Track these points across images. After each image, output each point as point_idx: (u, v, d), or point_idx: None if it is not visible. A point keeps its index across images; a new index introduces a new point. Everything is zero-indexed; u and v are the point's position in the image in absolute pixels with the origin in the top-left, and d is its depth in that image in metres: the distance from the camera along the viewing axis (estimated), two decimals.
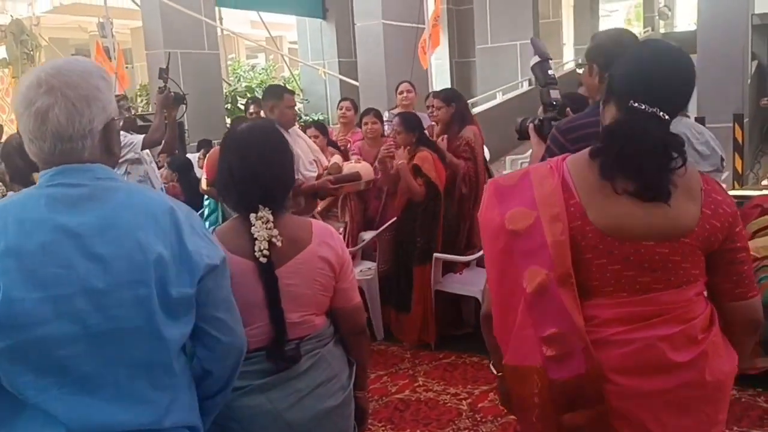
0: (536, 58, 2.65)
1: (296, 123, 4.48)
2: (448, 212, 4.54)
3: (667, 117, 1.49)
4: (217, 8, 10.60)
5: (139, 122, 7.96)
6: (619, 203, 1.47)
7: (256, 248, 1.75)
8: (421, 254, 4.46)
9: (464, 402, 3.72)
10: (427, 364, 4.27)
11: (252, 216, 1.78)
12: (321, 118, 11.36)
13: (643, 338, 1.46)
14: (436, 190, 4.43)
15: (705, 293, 1.57)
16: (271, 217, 1.78)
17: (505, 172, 5.17)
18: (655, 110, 1.48)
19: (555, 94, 2.65)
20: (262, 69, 14.13)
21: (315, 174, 4.21)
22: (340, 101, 6.04)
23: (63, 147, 1.34)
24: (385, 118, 5.46)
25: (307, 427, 1.84)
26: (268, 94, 4.27)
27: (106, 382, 1.32)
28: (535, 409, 1.51)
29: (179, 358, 1.44)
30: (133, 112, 4.85)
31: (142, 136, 4.46)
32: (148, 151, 4.65)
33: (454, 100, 4.81)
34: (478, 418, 3.54)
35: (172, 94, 4.44)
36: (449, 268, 4.62)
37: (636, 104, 1.48)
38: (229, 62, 14.04)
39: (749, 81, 8.42)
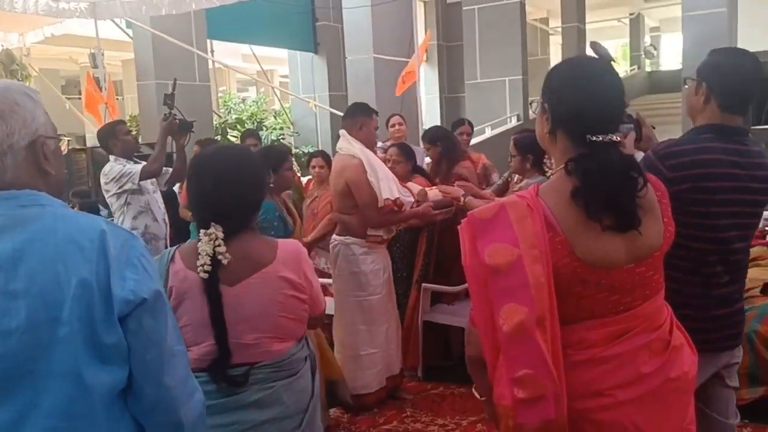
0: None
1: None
2: (442, 242, 4.56)
3: (619, 138, 1.53)
4: (208, 41, 10.69)
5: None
6: (603, 237, 1.50)
7: (198, 263, 1.74)
8: (402, 284, 4.48)
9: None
10: (415, 394, 4.24)
11: (202, 232, 1.79)
12: (311, 150, 11.41)
13: (624, 351, 1.52)
14: None
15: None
16: (220, 235, 1.77)
17: None
18: (611, 137, 1.51)
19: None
20: (253, 101, 14.21)
21: (411, 200, 4.08)
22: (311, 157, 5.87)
23: None
24: (378, 146, 5.49)
25: None
26: (357, 112, 3.99)
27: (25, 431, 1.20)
28: None
29: (111, 408, 1.28)
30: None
31: (141, 165, 4.28)
32: (154, 180, 4.44)
33: (439, 139, 4.88)
34: None
35: (177, 121, 4.29)
36: (440, 298, 4.61)
37: (594, 138, 1.50)
38: (220, 95, 14.12)
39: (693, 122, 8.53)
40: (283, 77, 17.93)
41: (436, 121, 14.79)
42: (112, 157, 4.36)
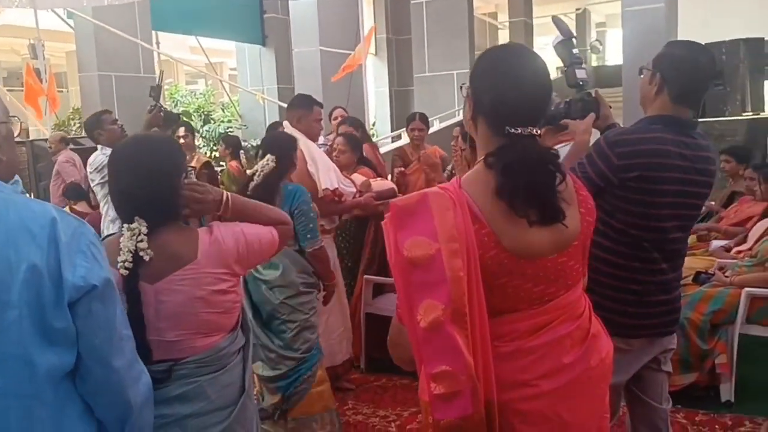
0: (559, 37, 2.51)
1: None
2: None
3: (539, 132, 1.52)
4: (154, 32, 10.50)
5: (72, 146, 7.80)
6: (527, 229, 1.49)
7: (119, 260, 1.69)
8: (348, 275, 4.48)
9: (393, 424, 3.71)
10: (357, 386, 4.24)
11: (125, 227, 1.74)
12: (259, 143, 11.30)
13: (548, 341, 1.53)
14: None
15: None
16: (144, 230, 1.71)
17: None
18: (530, 130, 1.50)
19: (581, 73, 2.47)
20: (201, 94, 14.01)
21: (353, 190, 4.05)
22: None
23: None
24: (320, 142, 5.50)
25: None
26: (297, 104, 3.99)
27: None
28: None
29: (59, 388, 1.32)
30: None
31: None
32: None
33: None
34: None
35: (162, 113, 4.22)
36: (387, 289, 4.63)
37: (513, 130, 1.49)
38: (166, 87, 13.88)
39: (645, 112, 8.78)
40: (233, 70, 17.73)
41: (386, 115, 14.82)
42: (99, 147, 4.31)
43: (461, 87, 1.62)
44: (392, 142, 10.14)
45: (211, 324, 1.80)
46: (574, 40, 2.48)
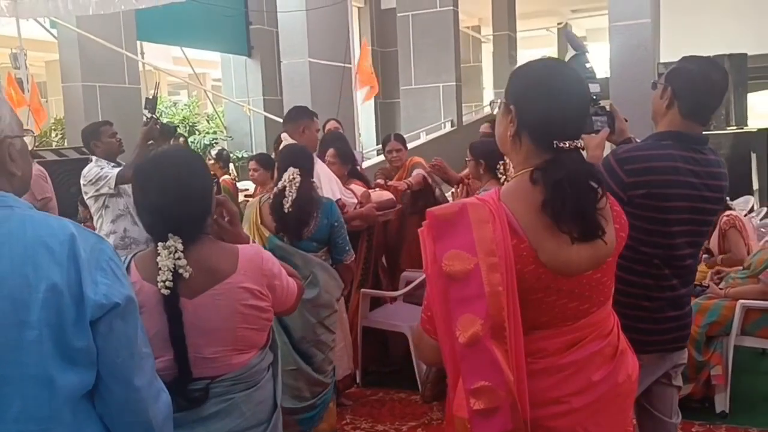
0: (572, 52, 2.49)
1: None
2: (389, 242, 4.59)
3: (582, 145, 1.53)
4: (138, 42, 10.42)
5: (54, 157, 7.70)
6: (568, 246, 1.48)
7: (159, 279, 1.67)
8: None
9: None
10: (354, 400, 4.21)
11: (160, 245, 1.70)
12: (245, 155, 11.25)
13: (580, 359, 1.53)
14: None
15: None
16: (180, 247, 1.69)
17: None
18: (576, 144, 1.51)
19: (594, 88, 2.41)
20: (185, 105, 13.92)
21: (354, 201, 4.03)
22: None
23: None
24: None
25: None
26: (298, 115, 3.96)
27: None
28: None
29: (77, 409, 1.29)
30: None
31: (118, 170, 4.13)
32: None
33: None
34: None
35: (158, 126, 4.14)
36: (378, 302, 4.61)
37: (561, 144, 1.48)
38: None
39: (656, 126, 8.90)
40: (216, 81, 17.65)
41: (372, 127, 14.82)
42: (93, 158, 4.21)
43: (491, 103, 1.62)
44: (377, 155, 10.14)
45: (246, 340, 1.78)
46: (587, 54, 2.46)
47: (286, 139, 3.90)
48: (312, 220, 3.12)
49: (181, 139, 5.62)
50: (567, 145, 1.49)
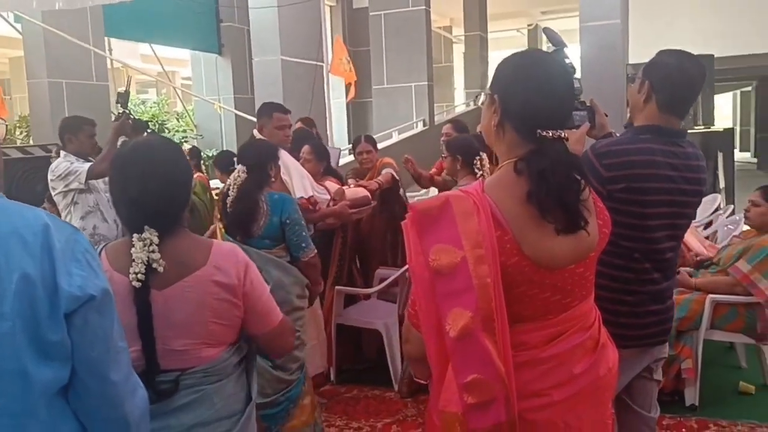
0: (551, 47, 2.41)
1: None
2: (361, 240, 4.60)
3: (566, 136, 1.53)
4: (106, 39, 10.25)
5: (19, 154, 7.54)
6: (552, 238, 1.48)
7: (132, 271, 1.64)
8: None
9: None
10: (328, 398, 4.19)
11: (135, 237, 1.67)
12: (215, 154, 11.15)
13: (561, 352, 1.52)
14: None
15: None
16: (155, 240, 1.66)
17: None
18: (560, 133, 1.51)
19: (575, 83, 2.33)
20: (154, 103, 13.75)
21: (327, 197, 3.97)
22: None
23: None
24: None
25: None
26: (258, 112, 3.97)
27: None
28: None
29: (52, 404, 1.25)
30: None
31: (88, 165, 4.04)
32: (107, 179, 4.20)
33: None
34: None
35: (130, 121, 4.07)
36: (353, 300, 4.60)
37: (545, 133, 1.49)
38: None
39: (624, 125, 9.03)
40: (185, 79, 17.48)
41: (343, 126, 14.79)
42: (62, 153, 4.12)
43: (476, 97, 1.61)
44: (349, 154, 10.12)
45: (216, 335, 1.75)
46: (566, 49, 2.41)
47: (256, 135, 3.88)
48: (258, 217, 3.07)
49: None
50: (550, 135, 1.49)
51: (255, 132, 3.97)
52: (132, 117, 4.14)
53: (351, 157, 8.77)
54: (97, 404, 1.32)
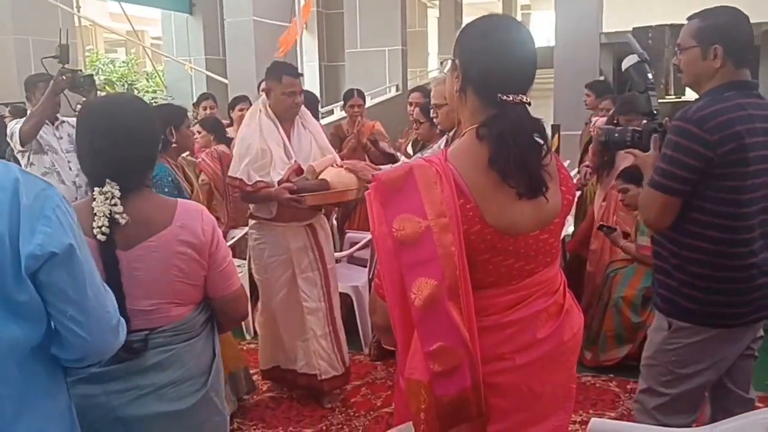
0: (633, 58, 2.36)
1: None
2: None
3: (529, 100, 1.53)
4: None
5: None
6: (513, 204, 1.49)
7: (95, 225, 1.62)
8: None
9: (336, 398, 3.71)
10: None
11: (96, 190, 1.66)
12: None
13: (525, 317, 1.55)
14: None
15: None
16: (117, 193, 1.65)
17: None
18: (522, 97, 1.51)
19: (655, 101, 2.34)
20: (123, 63, 13.46)
21: (278, 177, 3.46)
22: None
23: None
24: None
25: (147, 428, 1.70)
26: (268, 72, 3.50)
27: None
28: (421, 425, 1.47)
29: (22, 364, 1.24)
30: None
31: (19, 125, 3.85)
32: (72, 138, 3.91)
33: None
34: (351, 413, 3.56)
35: (64, 78, 3.81)
36: None
37: (505, 97, 1.49)
38: (87, 54, 13.27)
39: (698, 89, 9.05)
40: (155, 39, 17.11)
41: (315, 89, 14.65)
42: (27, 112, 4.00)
43: (442, 63, 1.61)
44: (322, 118, 10.04)
45: (184, 294, 1.76)
46: (647, 64, 2.35)
47: (261, 99, 3.61)
48: None
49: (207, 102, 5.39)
50: (511, 99, 1.49)
51: (261, 99, 3.59)
52: (76, 72, 3.89)
53: (324, 121, 8.72)
54: (83, 357, 1.34)
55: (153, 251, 1.69)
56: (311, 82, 13.96)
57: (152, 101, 11.68)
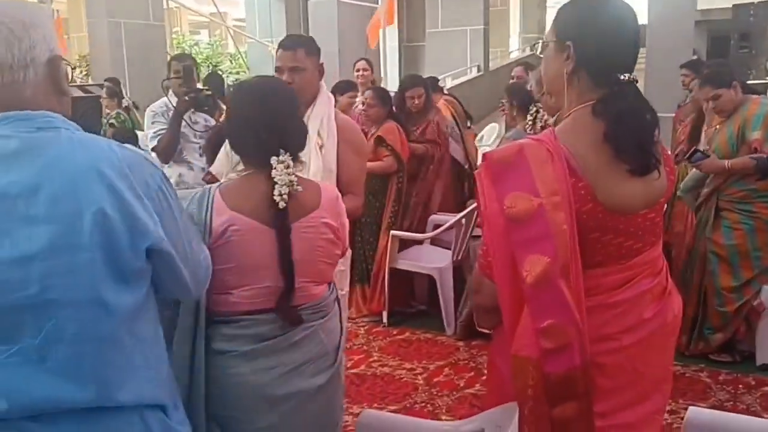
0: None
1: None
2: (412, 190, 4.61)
3: (636, 78, 1.53)
4: None
5: (80, 93, 7.68)
6: (624, 182, 1.48)
7: (276, 192, 1.66)
8: (367, 230, 4.56)
9: (420, 377, 3.74)
10: (381, 339, 4.28)
11: (273, 159, 1.69)
12: None
13: (631, 297, 1.54)
14: (400, 160, 4.45)
15: None
16: (291, 163, 1.70)
17: None
18: (633, 76, 1.51)
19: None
20: (207, 44, 13.80)
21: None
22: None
23: (3, 80, 1.21)
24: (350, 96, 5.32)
25: (289, 405, 1.76)
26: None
27: (50, 356, 1.19)
28: (529, 402, 1.48)
29: (132, 328, 1.28)
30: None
31: (155, 143, 3.87)
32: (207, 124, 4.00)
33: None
34: (434, 392, 3.57)
35: (187, 98, 3.75)
36: (405, 245, 4.64)
37: (621, 76, 1.48)
38: (173, 36, 13.67)
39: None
40: (238, 20, 17.43)
41: (395, 71, 14.63)
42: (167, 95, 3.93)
43: (533, 45, 1.60)
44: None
45: (323, 273, 1.84)
46: None
47: None
48: None
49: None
50: (627, 78, 1.49)
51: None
52: (200, 92, 3.86)
53: None
54: (182, 293, 1.50)
55: (303, 232, 1.74)
56: (391, 62, 13.96)
57: (236, 82, 11.94)
